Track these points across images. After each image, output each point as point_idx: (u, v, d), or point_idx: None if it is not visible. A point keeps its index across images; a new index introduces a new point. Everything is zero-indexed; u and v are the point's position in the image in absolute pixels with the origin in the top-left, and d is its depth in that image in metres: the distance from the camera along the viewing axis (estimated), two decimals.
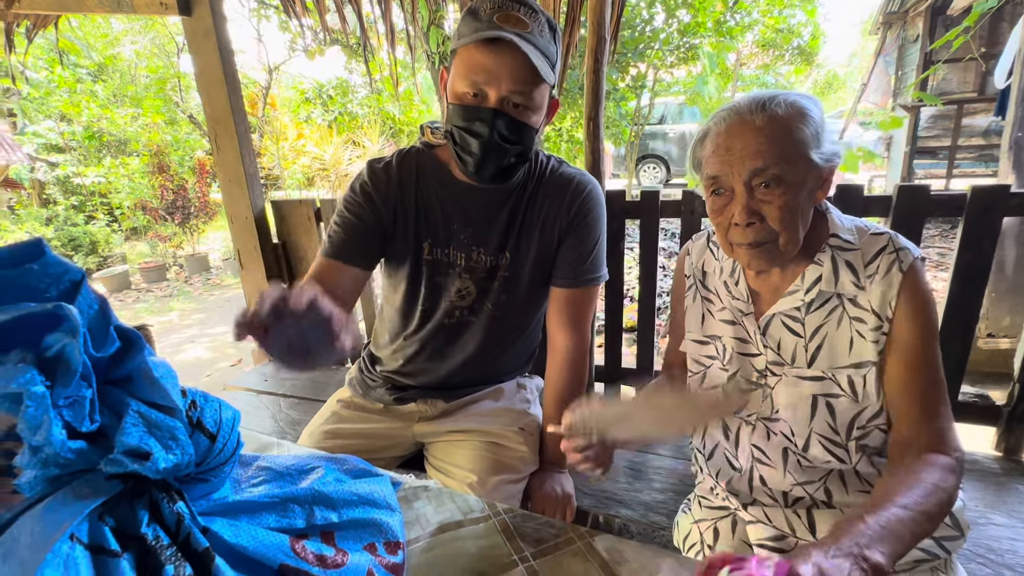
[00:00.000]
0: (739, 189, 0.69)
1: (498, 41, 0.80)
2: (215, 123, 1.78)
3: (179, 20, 1.72)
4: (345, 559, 0.39)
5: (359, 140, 9.08)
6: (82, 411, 0.29)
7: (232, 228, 1.92)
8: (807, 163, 0.67)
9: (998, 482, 1.15)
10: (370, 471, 0.53)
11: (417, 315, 1.02)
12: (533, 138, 0.90)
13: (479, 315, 1.02)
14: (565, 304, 1.02)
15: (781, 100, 0.68)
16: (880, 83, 7.31)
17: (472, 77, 0.83)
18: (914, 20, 6.21)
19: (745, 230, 0.69)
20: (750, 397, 0.78)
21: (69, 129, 7.91)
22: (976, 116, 5.74)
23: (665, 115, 9.12)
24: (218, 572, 0.31)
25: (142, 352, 0.31)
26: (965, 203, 1.16)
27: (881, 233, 0.72)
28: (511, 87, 0.83)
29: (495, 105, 0.84)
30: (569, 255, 1.00)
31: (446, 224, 0.97)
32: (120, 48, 9.00)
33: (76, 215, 7.19)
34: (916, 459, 0.64)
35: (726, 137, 0.69)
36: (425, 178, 0.97)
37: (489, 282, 1.00)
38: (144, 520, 0.31)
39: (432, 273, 0.99)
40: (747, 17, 6.67)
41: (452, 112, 0.87)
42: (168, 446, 0.30)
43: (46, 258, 0.29)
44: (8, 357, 0.27)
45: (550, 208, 0.99)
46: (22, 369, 0.27)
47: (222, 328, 4.37)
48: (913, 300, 0.68)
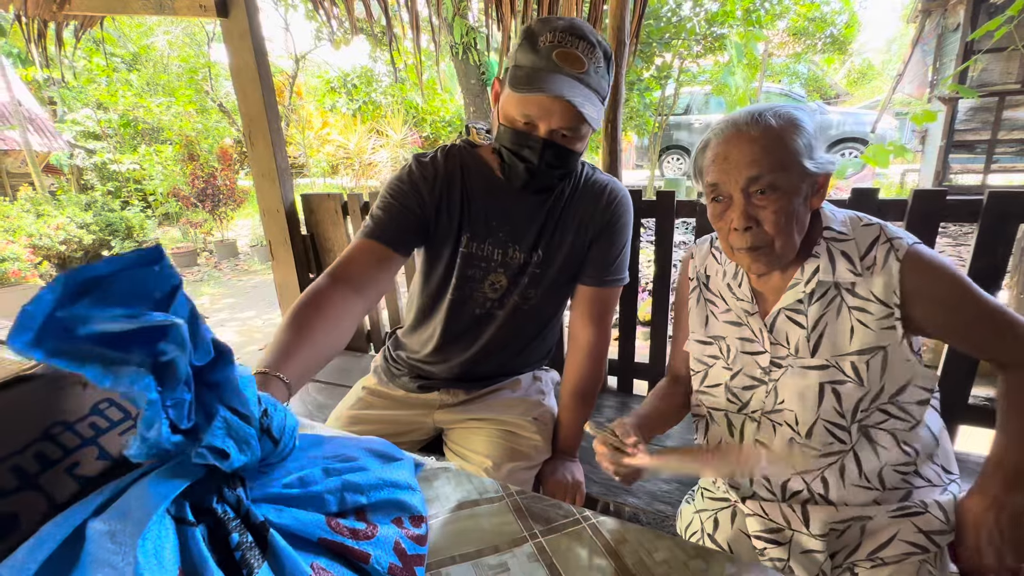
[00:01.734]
0: (737, 196, 0.73)
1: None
2: (249, 120, 1.86)
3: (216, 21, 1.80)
4: (375, 531, 0.45)
5: (383, 129, 9.18)
6: (182, 412, 0.36)
7: (264, 221, 2.02)
8: (800, 171, 0.72)
9: None
10: (394, 455, 0.59)
11: (446, 304, 1.06)
12: (577, 161, 0.95)
13: (505, 308, 1.07)
14: (591, 302, 1.07)
15: (774, 112, 0.73)
16: (917, 73, 7.05)
17: (524, 110, 0.87)
18: (955, 8, 5.96)
19: (743, 235, 0.74)
20: (810, 462, 0.81)
21: (106, 117, 8.20)
22: (1019, 109, 5.51)
23: (691, 105, 8.96)
24: (273, 539, 0.38)
25: (231, 365, 0.38)
26: (981, 208, 1.17)
27: (872, 224, 0.76)
28: (562, 124, 0.87)
29: (545, 135, 0.88)
30: (598, 257, 1.04)
31: (486, 221, 1.02)
32: (154, 38, 9.24)
33: (113, 201, 7.48)
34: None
35: (724, 147, 0.74)
36: (470, 175, 1.02)
37: (520, 277, 1.05)
38: (214, 499, 0.39)
39: (465, 266, 1.03)
40: (778, 5, 6.49)
41: (503, 133, 0.91)
42: (242, 448, 0.37)
43: (164, 261, 0.34)
44: (130, 358, 0.33)
45: (585, 212, 1.03)
46: (142, 374, 0.33)
47: (250, 312, 4.55)
48: (922, 276, 0.72)
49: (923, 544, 0.73)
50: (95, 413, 0.51)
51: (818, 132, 0.74)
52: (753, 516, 0.82)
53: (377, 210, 1.00)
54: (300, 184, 9.45)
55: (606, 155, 1.53)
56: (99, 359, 0.31)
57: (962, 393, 1.28)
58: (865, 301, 0.75)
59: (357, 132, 8.99)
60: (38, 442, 0.48)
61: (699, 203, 1.44)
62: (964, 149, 5.82)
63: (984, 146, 5.60)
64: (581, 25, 0.87)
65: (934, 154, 5.83)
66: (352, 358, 2.04)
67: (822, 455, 0.80)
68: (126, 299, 0.33)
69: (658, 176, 8.73)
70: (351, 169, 8.67)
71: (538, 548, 0.57)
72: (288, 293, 2.11)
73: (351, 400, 1.20)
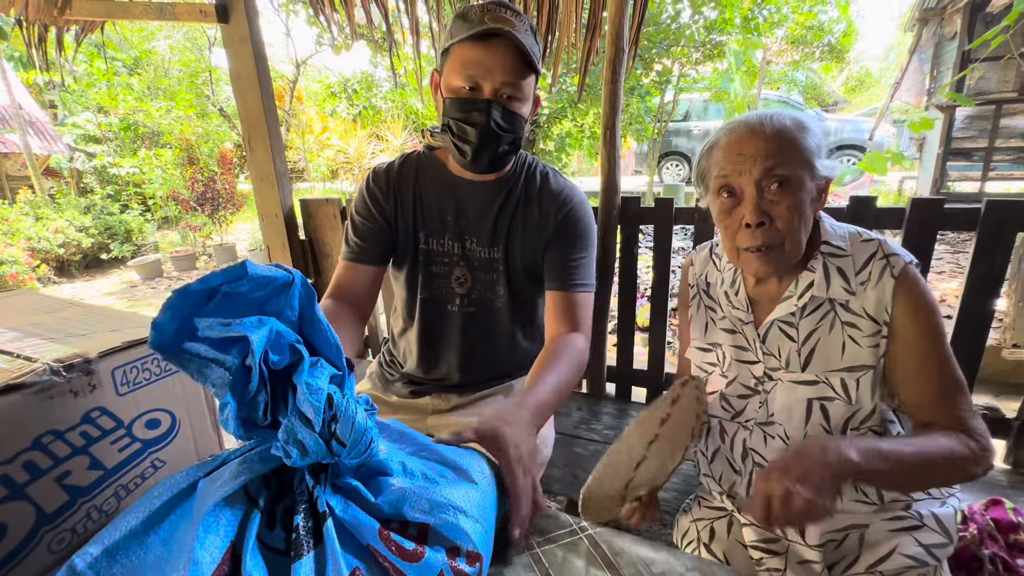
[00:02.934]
0: (749, 190, 0.72)
1: (491, 37, 0.86)
2: (249, 125, 1.87)
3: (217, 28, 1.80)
4: (423, 555, 0.43)
5: (383, 134, 9.21)
6: (256, 411, 0.40)
7: (262, 225, 2.02)
8: (811, 169, 0.72)
9: (1004, 494, 1.16)
10: (472, 477, 0.54)
11: (419, 304, 1.09)
12: (524, 127, 0.97)
13: (482, 308, 1.08)
14: (561, 304, 1.02)
15: (785, 114, 0.73)
16: (915, 81, 7.09)
17: (467, 71, 0.89)
18: (952, 17, 6.00)
19: (755, 232, 0.73)
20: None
21: (106, 120, 8.22)
22: (1016, 117, 5.54)
23: (690, 111, 8.99)
24: (327, 531, 0.40)
25: (303, 370, 0.40)
26: (979, 217, 1.17)
27: (871, 239, 0.75)
28: (504, 78, 0.89)
29: (489, 96, 0.90)
30: (557, 261, 1.03)
31: (440, 215, 1.05)
32: (155, 43, 9.28)
33: (112, 204, 7.48)
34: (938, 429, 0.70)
35: (738, 144, 0.73)
36: (423, 175, 1.06)
37: (488, 274, 1.07)
38: (297, 479, 0.43)
39: (428, 263, 1.07)
40: (776, 13, 6.53)
41: (449, 106, 0.93)
42: (303, 452, 0.40)
43: (251, 274, 0.38)
44: (224, 359, 0.38)
45: (539, 216, 1.04)
46: (224, 378, 0.38)
47: None
48: (911, 301, 0.72)
49: (923, 558, 0.72)
50: (86, 422, 0.51)
51: (824, 137, 0.75)
52: (749, 526, 0.82)
53: (349, 232, 1.06)
54: (300, 188, 9.47)
55: (604, 161, 1.53)
56: (197, 360, 0.38)
57: None
58: (857, 317, 0.74)
59: (357, 137, 9.01)
60: (28, 451, 0.47)
61: (697, 210, 1.44)
62: (962, 157, 5.85)
63: (981, 154, 5.63)
64: (507, 2, 0.92)
65: (932, 162, 5.86)
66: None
67: None
68: (230, 308, 0.38)
69: (657, 182, 8.75)
70: (351, 174, 8.69)
71: (534, 559, 0.57)
72: None
73: None
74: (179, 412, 0.61)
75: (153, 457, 0.58)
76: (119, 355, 0.54)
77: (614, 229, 1.56)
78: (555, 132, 7.83)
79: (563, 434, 1.49)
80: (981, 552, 0.89)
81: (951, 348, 0.74)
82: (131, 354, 0.55)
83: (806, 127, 0.73)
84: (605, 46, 1.48)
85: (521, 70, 0.90)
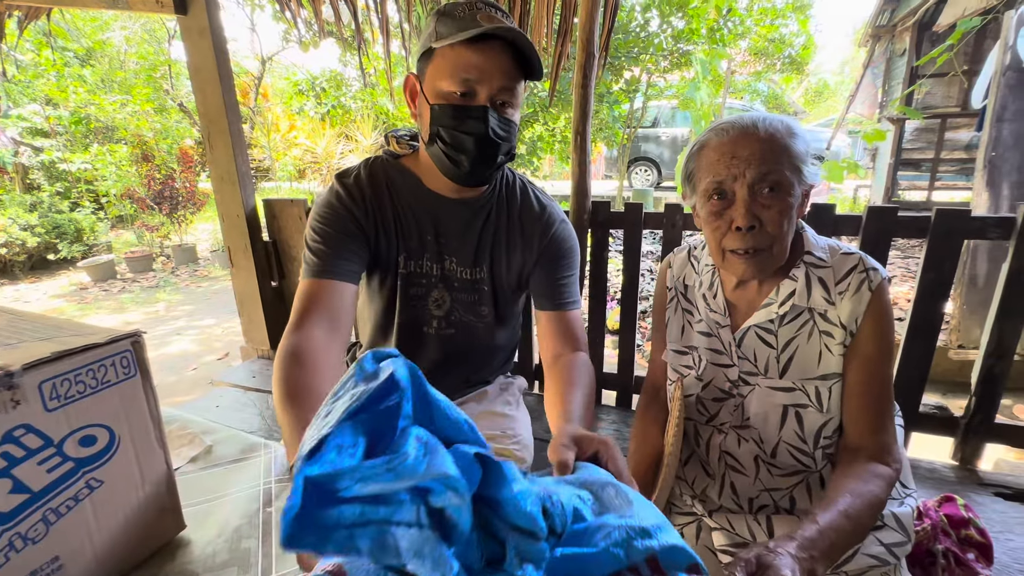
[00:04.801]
0: (742, 193, 0.73)
1: (489, 39, 0.79)
2: (208, 121, 1.79)
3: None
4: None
5: (352, 134, 9.04)
6: (472, 554, 0.32)
7: (223, 226, 1.94)
8: (799, 175, 0.73)
9: (952, 489, 1.21)
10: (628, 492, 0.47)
11: (396, 326, 1.02)
12: (516, 134, 0.91)
13: (461, 329, 1.03)
14: (556, 325, 0.99)
15: (775, 119, 0.74)
16: (868, 94, 7.43)
17: (462, 75, 0.81)
18: (901, 35, 6.33)
19: (744, 235, 0.73)
20: None
21: (55, 114, 7.77)
22: (959, 130, 5.87)
23: (658, 118, 9.18)
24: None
25: (506, 479, 0.33)
26: (929, 225, 1.22)
27: (851, 253, 0.77)
28: (501, 83, 0.82)
29: (485, 103, 0.83)
30: (544, 283, 1.00)
31: (420, 236, 0.97)
32: (110, 33, 8.85)
33: (61, 202, 7.07)
34: (863, 466, 0.71)
35: (731, 146, 0.73)
36: (397, 189, 0.96)
37: (471, 295, 1.01)
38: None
39: (408, 285, 0.99)
40: (740, 25, 6.74)
41: (440, 113, 0.84)
42: (537, 565, 0.33)
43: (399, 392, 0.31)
44: (403, 509, 0.27)
45: (522, 236, 1.00)
46: (429, 538, 0.27)
47: (210, 320, 4.36)
48: (878, 318, 0.74)
49: (884, 557, 0.74)
50: (8, 441, 0.47)
51: (810, 142, 0.76)
52: (719, 530, 0.82)
53: (316, 245, 0.90)
54: (265, 188, 9.19)
55: (575, 166, 1.53)
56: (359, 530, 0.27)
57: (913, 401, 1.33)
58: (832, 327, 0.76)
59: (326, 136, 8.82)
60: None
61: (666, 215, 1.45)
62: (911, 167, 6.16)
63: (929, 164, 5.94)
64: (494, 1, 0.85)
65: (884, 171, 6.14)
66: None
67: (787, 474, 0.81)
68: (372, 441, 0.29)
69: (627, 187, 8.89)
70: (319, 174, 8.48)
71: None
72: (248, 301, 2.03)
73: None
74: (119, 428, 0.56)
75: (88, 477, 0.54)
76: (48, 367, 0.49)
77: (584, 233, 1.56)
78: (527, 136, 7.85)
79: (538, 439, 1.48)
80: (935, 547, 0.93)
81: (901, 355, 0.77)
82: (62, 365, 0.50)
83: (795, 132, 0.74)
84: (576, 51, 1.48)
85: (518, 74, 0.84)
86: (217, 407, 1.63)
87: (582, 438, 0.59)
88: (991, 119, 2.58)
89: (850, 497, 0.66)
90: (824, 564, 0.59)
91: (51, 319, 0.62)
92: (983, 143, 2.63)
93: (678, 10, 6.25)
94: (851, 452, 0.75)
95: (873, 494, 0.67)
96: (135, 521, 0.59)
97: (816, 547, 0.59)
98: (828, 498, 0.67)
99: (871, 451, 0.73)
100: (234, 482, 0.75)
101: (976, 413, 1.30)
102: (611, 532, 0.38)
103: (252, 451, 0.83)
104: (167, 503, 0.63)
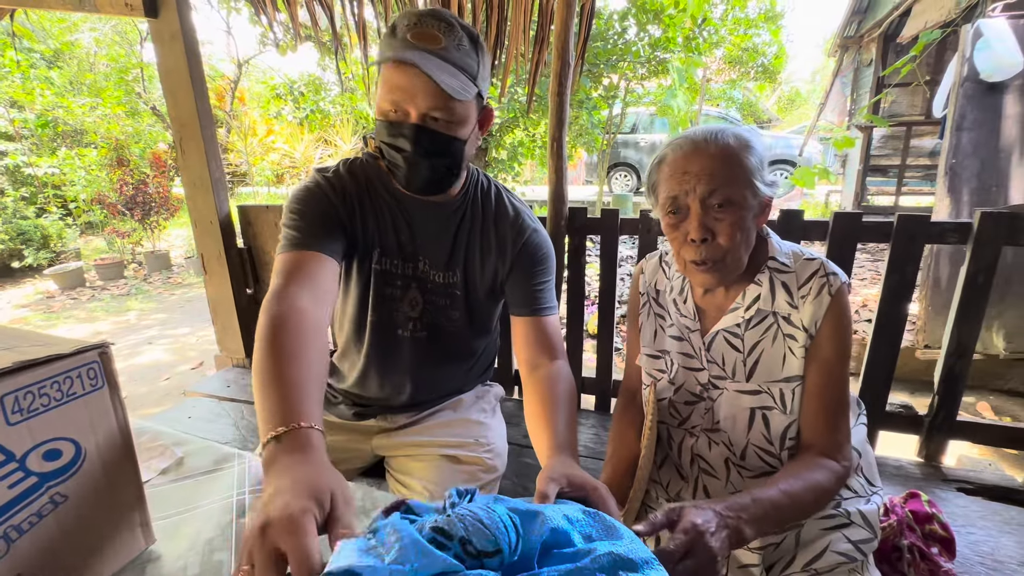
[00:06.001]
0: (695, 207, 0.75)
1: (407, 64, 0.80)
2: (180, 126, 1.76)
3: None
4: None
5: (331, 139, 8.95)
6: None
7: (195, 232, 1.90)
8: (752, 188, 0.75)
9: (918, 485, 1.25)
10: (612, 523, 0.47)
11: (368, 326, 1.02)
12: (462, 151, 0.90)
13: (434, 332, 1.03)
14: (533, 331, 0.99)
15: (730, 133, 0.76)
16: (837, 103, 7.67)
17: (390, 96, 0.83)
18: (868, 45, 6.56)
19: (699, 247, 0.76)
20: None
21: (20, 116, 7.52)
22: (923, 138, 6.10)
23: (637, 124, 9.32)
24: None
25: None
26: (892, 230, 1.27)
27: (814, 259, 0.80)
28: (428, 105, 0.82)
29: (417, 121, 0.84)
30: (519, 290, 1.01)
31: (395, 234, 0.98)
32: (79, 35, 8.61)
33: (26, 207, 6.83)
34: (812, 458, 0.75)
35: (683, 162, 0.76)
36: (374, 187, 0.98)
37: (444, 299, 1.01)
38: None
39: (381, 284, 0.99)
40: (715, 35, 6.90)
41: (379, 127, 0.88)
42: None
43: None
44: None
45: (496, 242, 1.01)
46: None
47: (184, 329, 4.25)
48: (836, 321, 0.77)
49: (852, 554, 0.76)
50: None
51: (766, 155, 0.78)
52: None
53: (294, 221, 0.89)
54: (242, 193, 9.01)
55: (552, 171, 1.55)
56: None
57: (880, 400, 1.38)
58: (795, 330, 0.79)
59: (304, 141, 8.71)
60: None
61: (642, 221, 1.48)
62: (879, 173, 6.37)
63: (896, 170, 6.15)
64: (440, 10, 0.85)
65: (854, 177, 6.34)
66: None
67: (756, 476, 0.83)
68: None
69: (607, 192, 8.98)
70: (297, 179, 8.36)
71: None
72: (222, 309, 1.99)
73: None
74: (85, 441, 0.55)
75: (53, 492, 0.52)
76: (9, 379, 0.48)
77: (562, 238, 1.58)
78: (507, 141, 7.88)
79: (514, 444, 1.48)
80: (901, 542, 0.96)
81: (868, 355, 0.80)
82: (24, 377, 0.49)
83: (749, 145, 0.76)
84: (552, 59, 1.50)
85: (444, 96, 0.81)
86: (190, 418, 1.59)
87: (576, 481, 0.62)
88: (951, 128, 2.69)
89: (792, 479, 0.71)
90: (753, 528, 0.63)
91: (13, 330, 0.61)
92: (944, 151, 2.74)
93: (655, 19, 6.36)
94: (804, 449, 0.79)
95: (816, 480, 0.71)
96: (102, 536, 0.58)
97: (746, 511, 0.63)
98: (772, 479, 0.72)
99: (822, 448, 0.77)
100: (206, 494, 0.73)
101: (939, 411, 1.35)
102: (600, 557, 0.39)
103: (225, 462, 0.81)
104: (136, 517, 0.62)
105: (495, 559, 0.38)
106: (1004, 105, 2.59)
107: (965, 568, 1.01)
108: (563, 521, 0.43)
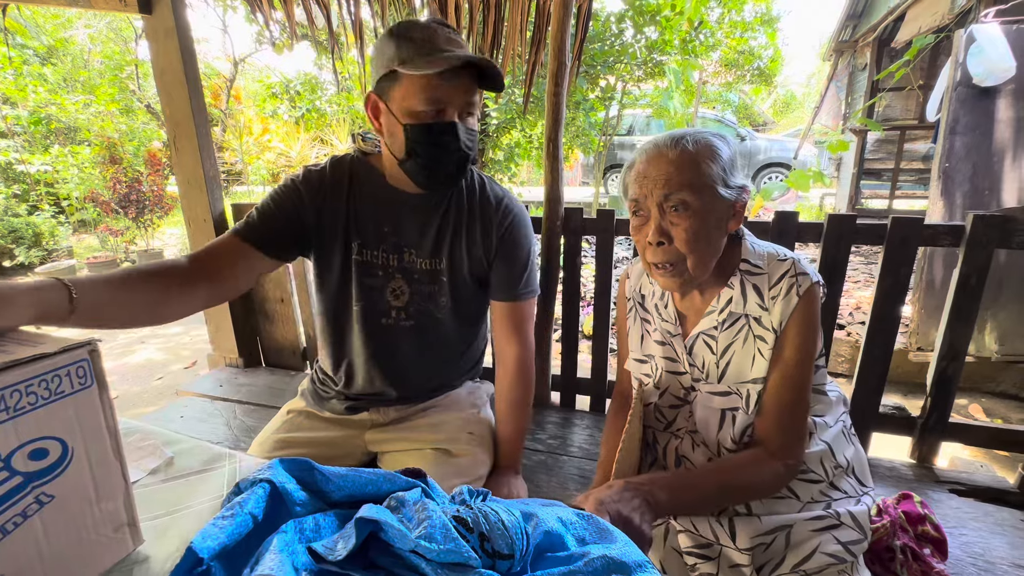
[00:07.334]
0: (653, 211, 0.77)
1: (461, 68, 0.86)
2: (175, 124, 1.75)
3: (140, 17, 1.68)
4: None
5: (327, 138, 8.92)
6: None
7: (189, 231, 1.89)
8: (712, 194, 0.75)
9: (910, 487, 1.26)
10: (607, 527, 0.48)
11: (353, 316, 1.04)
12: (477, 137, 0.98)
13: (421, 320, 1.05)
14: (507, 316, 1.08)
15: (694, 138, 0.76)
16: (832, 106, 7.73)
17: (434, 97, 0.87)
18: (863, 50, 6.60)
19: (656, 250, 0.78)
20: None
21: (13, 113, 7.45)
22: (916, 142, 6.15)
23: (633, 126, 9.35)
24: None
25: (403, 535, 0.38)
26: (886, 233, 1.27)
27: (785, 259, 0.81)
28: (466, 99, 0.90)
29: (453, 119, 0.89)
30: (502, 273, 1.06)
31: (376, 227, 1.01)
32: (73, 31, 8.55)
33: (18, 205, 6.77)
34: (754, 452, 0.78)
35: (644, 165, 0.78)
36: (359, 182, 1.01)
37: (430, 286, 1.03)
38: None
39: (362, 274, 1.02)
40: (711, 38, 6.93)
41: (414, 132, 0.89)
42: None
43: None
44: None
45: (480, 228, 1.04)
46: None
47: (176, 328, 4.22)
48: (801, 322, 0.77)
49: (841, 555, 0.76)
50: None
51: (735, 160, 0.78)
52: (684, 532, 0.84)
53: (254, 212, 0.99)
54: (238, 191, 8.97)
55: (547, 172, 1.54)
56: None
57: (873, 402, 1.38)
58: (765, 331, 0.79)
59: (300, 140, 8.68)
60: None
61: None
62: (873, 176, 6.42)
63: (889, 174, 6.19)
64: (439, 19, 0.93)
65: (848, 180, 6.38)
66: (285, 377, 1.93)
67: None
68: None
69: (603, 193, 9.00)
70: None
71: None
72: (216, 308, 1.98)
73: (277, 423, 1.13)
74: (72, 440, 0.54)
75: (38, 492, 0.52)
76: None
77: (557, 239, 1.58)
78: (503, 142, 7.88)
79: None
80: (893, 543, 0.96)
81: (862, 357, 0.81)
82: (10, 376, 0.48)
83: (713, 151, 0.76)
84: (548, 60, 1.50)
85: (476, 87, 0.91)
86: (182, 417, 1.58)
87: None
88: (944, 132, 2.71)
89: (725, 463, 0.79)
90: (666, 493, 0.69)
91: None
92: (937, 155, 2.76)
93: (651, 21, 6.38)
94: (753, 444, 0.81)
95: (749, 471, 0.77)
96: (89, 537, 0.57)
97: (660, 480, 0.71)
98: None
99: (768, 446, 0.78)
100: (196, 494, 0.73)
101: (932, 413, 1.35)
102: (593, 560, 0.40)
103: (216, 462, 0.81)
104: (124, 517, 0.61)
105: (507, 562, 0.38)
106: (997, 109, 2.61)
107: (957, 569, 1.01)
108: (557, 524, 0.44)
